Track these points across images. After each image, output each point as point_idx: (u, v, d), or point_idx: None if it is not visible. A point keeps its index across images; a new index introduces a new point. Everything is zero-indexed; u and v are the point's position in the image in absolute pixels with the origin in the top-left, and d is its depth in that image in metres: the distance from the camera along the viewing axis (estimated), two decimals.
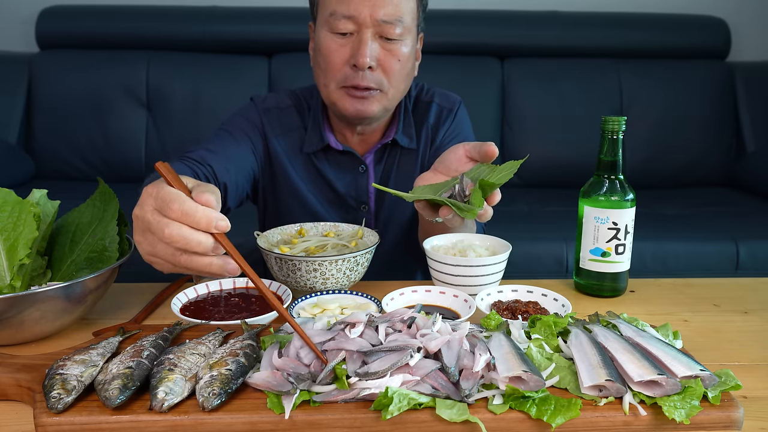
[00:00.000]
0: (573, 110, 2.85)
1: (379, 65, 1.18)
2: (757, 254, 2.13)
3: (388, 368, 0.67)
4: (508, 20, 2.95)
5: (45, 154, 2.81)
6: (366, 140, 1.33)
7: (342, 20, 1.15)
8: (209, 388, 0.66)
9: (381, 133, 1.33)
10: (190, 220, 0.70)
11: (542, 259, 2.12)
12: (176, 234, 0.70)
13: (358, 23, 1.15)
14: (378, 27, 1.15)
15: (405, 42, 1.19)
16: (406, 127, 1.33)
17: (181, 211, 0.70)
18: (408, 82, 1.26)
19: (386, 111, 1.25)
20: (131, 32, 2.89)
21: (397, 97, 1.24)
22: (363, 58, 1.15)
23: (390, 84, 1.20)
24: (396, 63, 1.19)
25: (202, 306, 0.98)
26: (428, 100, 1.37)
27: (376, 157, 1.34)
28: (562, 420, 0.65)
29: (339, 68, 1.19)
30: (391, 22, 1.15)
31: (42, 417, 0.66)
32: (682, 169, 2.89)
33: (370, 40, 1.16)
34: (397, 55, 1.19)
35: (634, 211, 1.07)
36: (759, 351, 0.91)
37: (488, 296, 1.00)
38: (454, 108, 1.37)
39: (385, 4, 1.14)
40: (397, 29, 1.16)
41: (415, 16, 1.21)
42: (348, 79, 1.18)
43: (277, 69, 2.86)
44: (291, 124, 1.34)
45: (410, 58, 1.22)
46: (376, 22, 1.15)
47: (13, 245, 0.92)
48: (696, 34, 2.97)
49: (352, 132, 1.31)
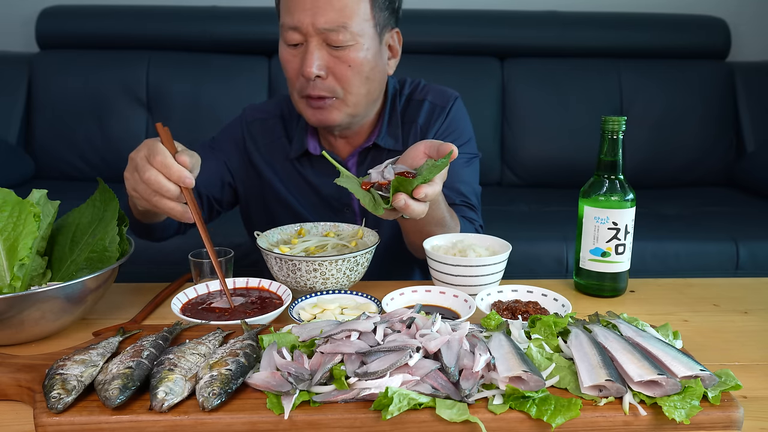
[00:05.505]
0: (573, 110, 2.85)
1: (330, 73, 1.17)
2: (757, 254, 2.12)
3: (387, 368, 0.67)
4: (508, 20, 2.95)
5: (45, 154, 2.81)
6: (350, 142, 1.33)
7: (289, 31, 1.16)
8: (209, 388, 0.66)
9: (365, 134, 1.33)
10: (166, 171, 0.92)
11: (542, 259, 2.12)
12: (153, 179, 0.92)
13: (303, 33, 1.15)
14: (322, 35, 1.15)
15: (355, 47, 1.17)
16: (392, 128, 1.32)
17: (162, 164, 0.92)
18: (371, 84, 1.23)
19: (352, 116, 1.24)
20: (131, 32, 2.89)
21: (360, 102, 1.23)
22: (308, 68, 1.15)
23: (346, 90, 1.19)
24: (347, 69, 1.17)
25: (202, 306, 0.98)
26: (421, 98, 1.35)
27: (359, 160, 1.33)
28: (562, 420, 0.65)
29: (295, 78, 1.20)
30: (335, 29, 1.14)
31: (42, 417, 0.66)
32: (682, 169, 2.89)
33: (316, 50, 1.15)
34: (347, 60, 1.17)
35: (634, 211, 1.07)
36: (759, 351, 0.91)
37: (488, 296, 1.00)
38: (447, 105, 1.34)
39: (326, 12, 1.13)
40: (342, 35, 1.14)
41: (368, 17, 1.17)
42: (303, 89, 1.19)
43: (277, 69, 2.85)
44: (273, 134, 1.37)
45: (366, 61, 1.19)
46: (318, 30, 1.14)
47: (13, 245, 0.92)
48: (696, 34, 2.96)
49: (334, 136, 1.32)
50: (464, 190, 1.31)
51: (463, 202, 1.30)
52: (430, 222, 1.11)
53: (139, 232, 1.25)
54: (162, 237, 1.30)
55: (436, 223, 1.13)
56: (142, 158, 0.93)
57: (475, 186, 1.35)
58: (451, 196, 1.28)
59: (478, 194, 1.36)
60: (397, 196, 0.89)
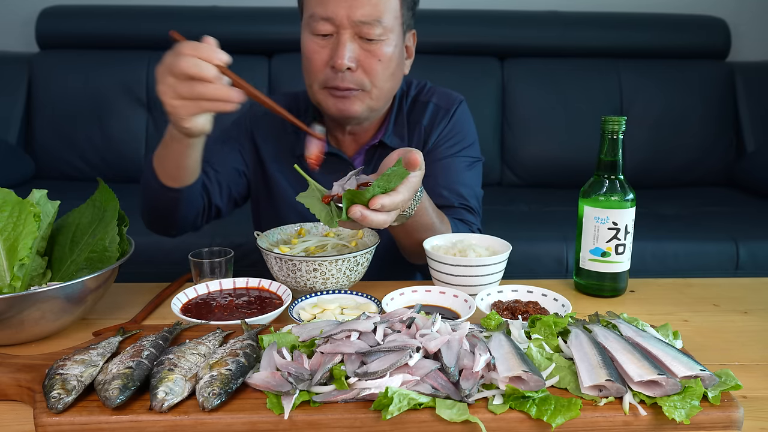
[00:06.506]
0: (573, 110, 2.85)
1: (359, 66, 1.18)
2: (757, 254, 2.12)
3: (387, 368, 0.67)
4: (508, 20, 2.95)
5: (45, 154, 2.81)
6: (357, 140, 1.33)
7: (320, 22, 1.16)
8: (209, 388, 0.66)
9: (372, 133, 1.33)
10: (198, 53, 0.89)
11: (542, 259, 2.12)
12: (191, 63, 0.88)
13: (336, 24, 1.15)
14: (356, 28, 1.15)
15: (386, 42, 1.18)
16: (398, 127, 1.32)
17: (190, 47, 0.89)
18: (395, 81, 1.25)
19: (371, 110, 1.24)
20: (131, 32, 2.89)
21: (382, 97, 1.24)
22: (341, 60, 1.14)
23: (372, 84, 1.20)
24: (377, 63, 1.18)
25: (202, 306, 0.98)
26: (426, 99, 1.36)
27: (366, 158, 1.33)
28: (562, 420, 0.65)
29: (320, 70, 1.19)
30: (370, 23, 1.14)
31: (42, 417, 0.66)
32: (682, 169, 2.89)
33: (349, 42, 1.15)
34: (378, 55, 1.18)
35: (634, 211, 1.07)
36: (759, 351, 0.91)
37: (488, 296, 1.00)
38: (452, 108, 1.35)
39: (363, 5, 1.14)
40: (376, 30, 1.15)
41: (398, 15, 1.19)
42: (329, 81, 1.19)
43: (277, 69, 2.86)
44: (281, 130, 1.35)
45: (394, 57, 1.21)
46: (353, 23, 1.14)
47: (13, 245, 0.92)
48: (696, 34, 2.97)
49: (343, 132, 1.31)
50: (464, 193, 1.31)
51: (462, 205, 1.30)
52: (418, 228, 1.11)
53: (158, 222, 1.22)
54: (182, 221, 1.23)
55: (425, 229, 1.12)
56: (170, 59, 0.91)
57: (476, 189, 1.35)
58: (450, 198, 1.29)
59: (480, 198, 1.36)
60: (353, 207, 0.86)
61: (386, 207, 0.87)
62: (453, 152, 1.32)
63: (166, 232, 1.27)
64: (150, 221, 1.24)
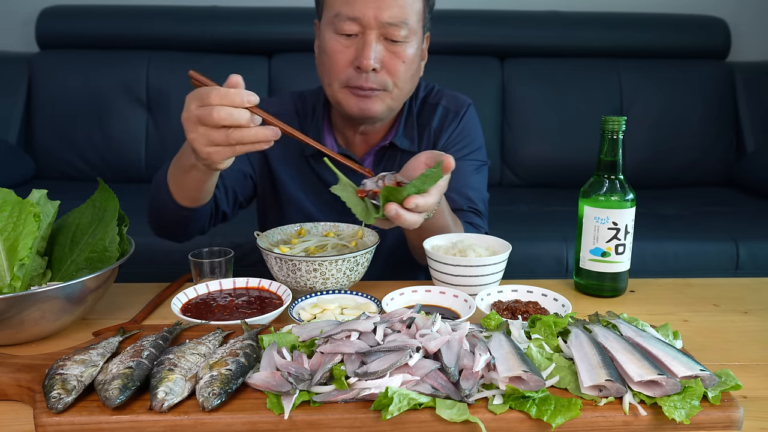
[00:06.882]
0: (573, 110, 2.85)
1: (383, 67, 1.18)
2: (757, 254, 2.12)
3: (387, 368, 0.67)
4: (508, 20, 2.95)
5: (45, 154, 2.81)
6: (367, 141, 1.33)
7: (347, 22, 1.15)
8: (209, 388, 0.66)
9: (383, 134, 1.33)
10: (228, 101, 0.87)
11: (542, 259, 2.11)
12: (224, 113, 0.86)
13: (363, 25, 1.15)
14: (383, 29, 1.15)
15: (410, 43, 1.19)
16: (408, 129, 1.32)
17: (219, 96, 0.87)
18: (413, 82, 1.26)
19: (390, 111, 1.25)
20: (131, 32, 2.88)
21: (401, 98, 1.24)
22: (367, 60, 1.14)
23: (395, 84, 1.20)
24: (401, 65, 1.18)
25: (202, 306, 0.98)
26: (435, 102, 1.36)
27: (375, 159, 1.33)
28: (562, 420, 0.65)
29: (343, 69, 1.18)
30: (396, 24, 1.15)
31: (42, 417, 0.66)
32: (682, 169, 2.89)
33: (375, 42, 1.15)
34: (402, 56, 1.18)
35: (634, 211, 1.07)
36: (759, 351, 0.91)
37: (488, 296, 1.00)
38: (461, 111, 1.35)
39: (390, 6, 1.14)
40: (402, 31, 1.16)
41: (421, 17, 1.21)
42: (351, 80, 1.18)
43: (277, 69, 2.85)
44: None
45: (415, 59, 1.22)
46: (380, 24, 1.14)
47: (13, 245, 0.92)
48: (696, 34, 2.96)
49: (354, 132, 1.31)
50: (473, 197, 1.31)
51: (471, 209, 1.30)
52: (434, 230, 1.12)
53: (167, 231, 1.23)
54: (192, 231, 1.25)
55: (440, 231, 1.13)
56: (198, 108, 0.89)
57: (483, 193, 1.36)
58: (459, 201, 1.29)
59: (486, 201, 1.36)
60: (389, 205, 0.89)
61: (419, 207, 0.90)
62: (461, 155, 1.32)
63: (174, 239, 1.27)
64: (158, 230, 1.25)
